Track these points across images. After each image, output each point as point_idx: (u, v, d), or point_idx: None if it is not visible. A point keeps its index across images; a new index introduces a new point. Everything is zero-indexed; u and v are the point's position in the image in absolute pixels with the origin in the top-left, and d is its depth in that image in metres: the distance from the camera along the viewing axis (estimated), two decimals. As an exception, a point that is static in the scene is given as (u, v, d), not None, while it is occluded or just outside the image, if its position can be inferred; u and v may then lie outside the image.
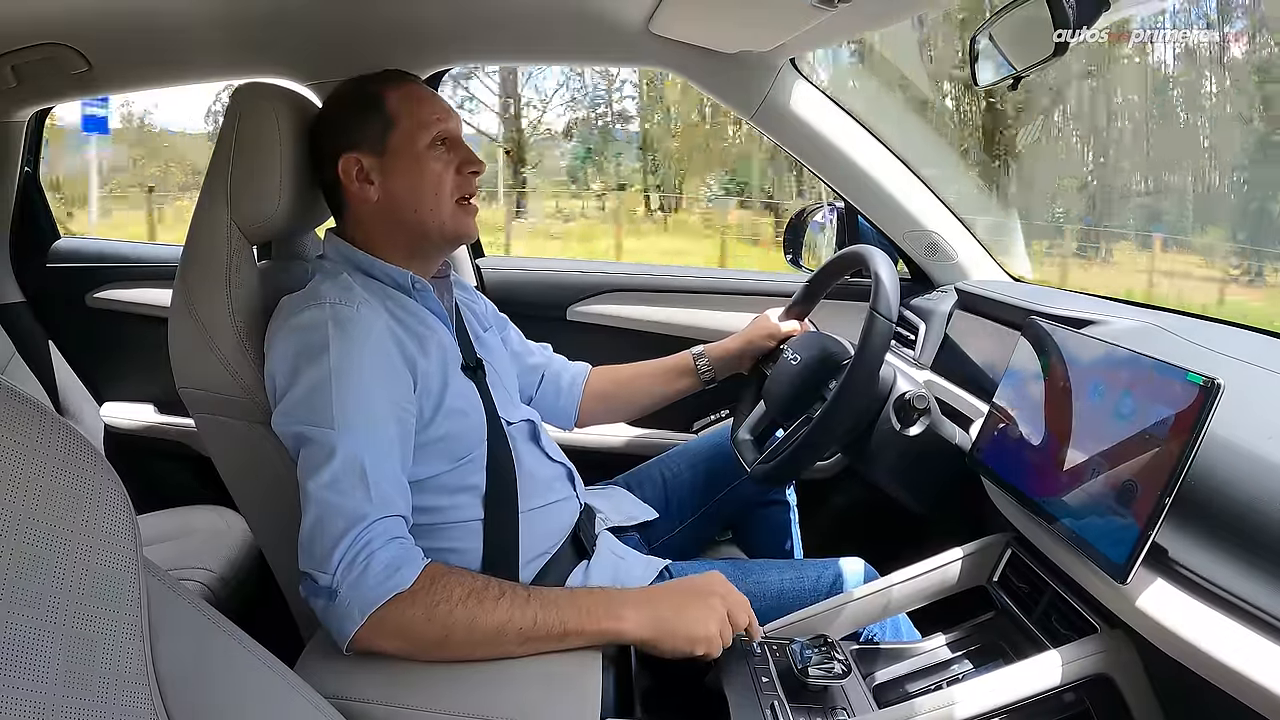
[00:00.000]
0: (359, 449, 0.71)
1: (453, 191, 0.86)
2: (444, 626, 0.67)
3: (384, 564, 0.67)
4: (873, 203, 1.29)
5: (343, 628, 0.66)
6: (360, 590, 0.66)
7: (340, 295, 0.78)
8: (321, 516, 0.69)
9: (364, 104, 0.85)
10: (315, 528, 0.69)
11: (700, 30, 1.14)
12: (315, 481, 0.70)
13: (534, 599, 0.69)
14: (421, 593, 0.67)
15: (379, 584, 0.66)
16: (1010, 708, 0.65)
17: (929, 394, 0.93)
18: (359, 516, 0.68)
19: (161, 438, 1.62)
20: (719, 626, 0.70)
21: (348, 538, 0.67)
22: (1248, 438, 0.60)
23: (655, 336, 1.47)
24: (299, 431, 0.73)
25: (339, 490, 0.69)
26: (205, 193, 0.84)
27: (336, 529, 0.68)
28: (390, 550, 0.68)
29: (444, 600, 0.67)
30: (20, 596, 0.33)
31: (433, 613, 0.67)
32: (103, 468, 0.37)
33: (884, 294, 0.88)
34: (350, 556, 0.67)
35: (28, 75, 1.32)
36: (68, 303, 1.61)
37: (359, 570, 0.66)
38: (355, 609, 0.66)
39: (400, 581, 0.67)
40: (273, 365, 0.78)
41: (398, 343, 0.79)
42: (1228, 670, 0.51)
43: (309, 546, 0.69)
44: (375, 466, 0.71)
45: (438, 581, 0.68)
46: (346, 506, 0.68)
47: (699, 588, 0.72)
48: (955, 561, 0.83)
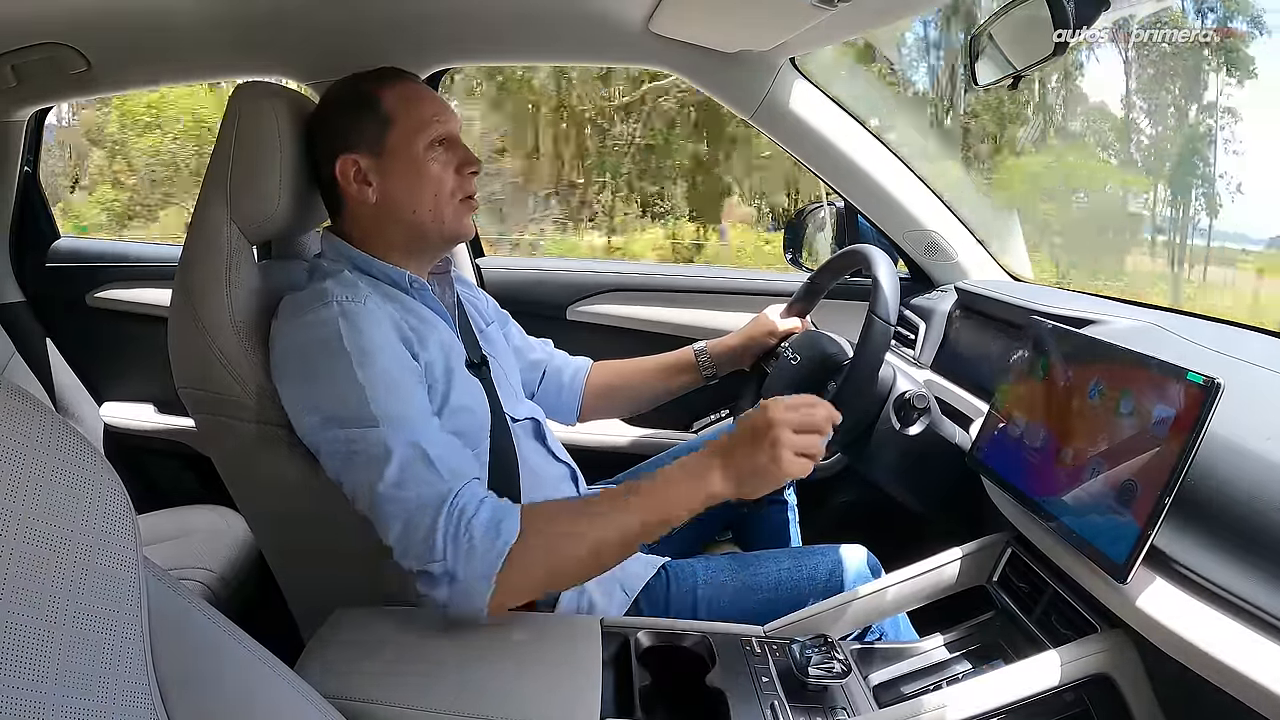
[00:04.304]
0: (411, 436, 0.71)
1: (453, 192, 0.86)
2: (566, 557, 0.69)
3: (484, 528, 0.67)
4: (872, 202, 1.29)
5: (475, 604, 0.68)
6: (475, 562, 0.67)
7: (347, 292, 0.78)
8: (407, 513, 0.69)
9: (360, 104, 0.84)
10: (405, 527, 0.69)
11: (700, 30, 1.14)
12: (383, 484, 0.69)
13: (632, 501, 0.70)
14: (533, 537, 0.68)
15: (489, 548, 0.67)
16: (1010, 708, 0.65)
17: (929, 394, 0.93)
18: (440, 498, 0.69)
19: (161, 438, 1.62)
20: (793, 454, 0.70)
21: (440, 521, 0.68)
22: (1248, 438, 0.60)
23: (655, 336, 1.47)
24: (342, 436, 0.72)
25: (411, 483, 0.69)
26: (204, 192, 0.84)
27: (426, 519, 0.68)
28: (484, 512, 0.69)
29: (555, 535, 0.69)
30: (20, 596, 0.33)
31: (552, 549, 0.69)
32: (103, 468, 0.37)
33: (883, 296, 0.88)
34: (452, 535, 0.67)
35: (28, 75, 1.32)
36: (68, 303, 1.61)
37: (465, 545, 0.67)
38: (480, 581, 0.67)
39: (508, 536, 0.67)
40: (287, 371, 0.77)
41: (404, 338, 0.79)
42: (1228, 670, 0.51)
43: (407, 547, 0.69)
44: (432, 446, 0.72)
45: (541, 519, 0.69)
46: (425, 494, 0.69)
47: (760, 428, 0.71)
48: (955, 561, 0.83)
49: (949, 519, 0.97)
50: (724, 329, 1.29)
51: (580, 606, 0.86)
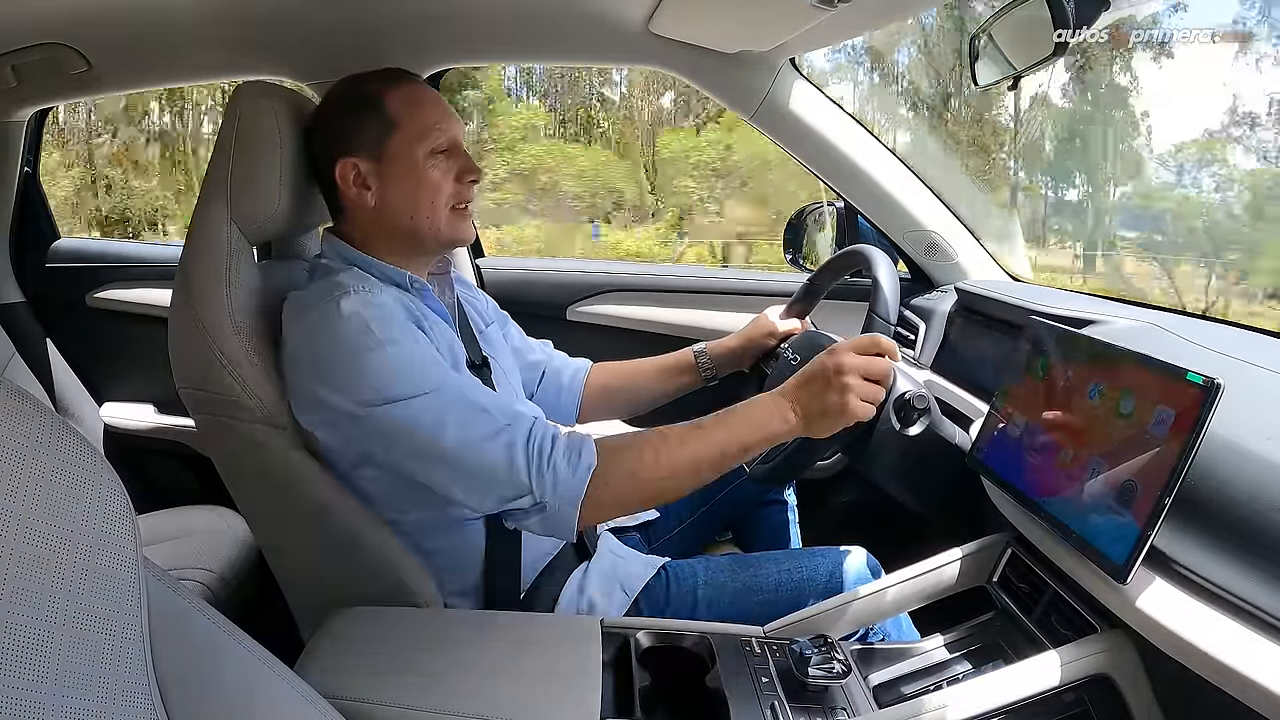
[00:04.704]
0: (461, 391, 0.75)
1: (449, 200, 0.85)
2: (648, 478, 0.74)
3: (564, 456, 0.72)
4: (872, 202, 1.29)
5: (565, 525, 0.73)
6: (561, 489, 0.72)
7: (359, 283, 0.79)
8: (480, 460, 0.72)
9: (363, 106, 0.84)
10: (484, 472, 0.72)
11: (700, 30, 1.14)
12: (449, 439, 0.72)
13: (714, 430, 0.76)
14: (613, 461, 0.73)
15: (572, 475, 0.72)
16: (1010, 708, 0.65)
17: (929, 394, 0.92)
18: (510, 434, 0.73)
19: (161, 438, 1.62)
20: (859, 397, 0.75)
21: (517, 455, 0.72)
22: (1248, 438, 0.60)
23: (655, 336, 1.47)
24: (390, 413, 0.73)
25: (474, 429, 0.72)
26: (205, 192, 0.84)
27: (502, 458, 0.72)
28: (560, 443, 0.73)
29: (636, 459, 0.74)
30: (20, 596, 0.33)
31: (634, 473, 0.74)
32: (103, 468, 0.37)
33: (883, 295, 0.88)
34: (535, 469, 0.72)
35: (28, 75, 1.32)
36: (68, 303, 1.61)
37: (549, 474, 0.72)
38: (568, 506, 0.72)
39: (588, 462, 0.72)
40: (312, 363, 0.76)
41: (415, 322, 0.80)
42: (1228, 670, 0.51)
43: (490, 488, 0.72)
44: (482, 395, 0.76)
45: (623, 446, 0.75)
46: (492, 437, 0.72)
47: (830, 371, 0.76)
48: (955, 561, 0.83)
49: (949, 519, 0.97)
50: (724, 329, 1.29)
51: (580, 607, 0.86)
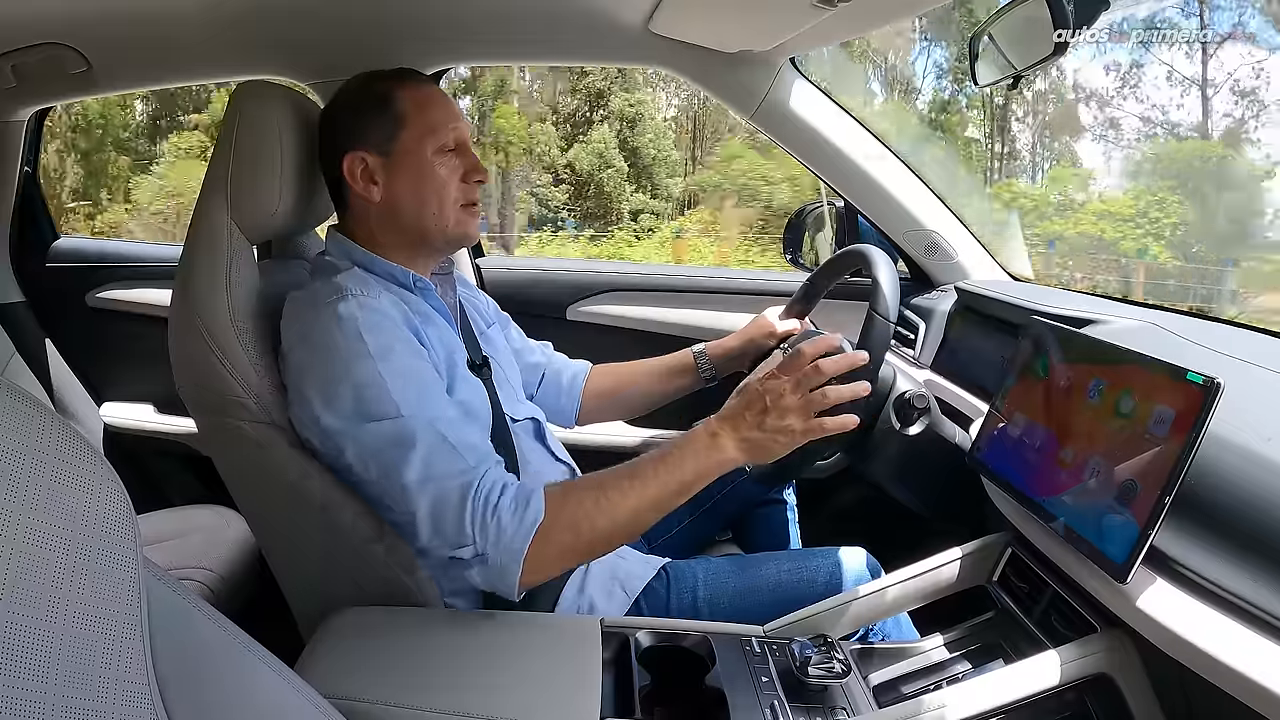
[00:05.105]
0: (433, 423, 0.73)
1: (456, 199, 0.85)
2: (590, 533, 0.72)
3: (510, 509, 0.70)
4: (873, 202, 1.29)
5: (507, 582, 0.71)
6: (504, 543, 0.70)
7: (359, 287, 0.78)
8: (434, 501, 0.71)
9: (373, 103, 0.84)
10: (434, 513, 0.71)
11: (700, 29, 1.14)
12: (410, 472, 0.71)
13: (650, 474, 0.74)
14: (558, 515, 0.71)
15: (517, 529, 0.70)
16: (1010, 707, 0.65)
17: (929, 393, 0.93)
18: (467, 482, 0.71)
19: (161, 438, 1.62)
20: (803, 415, 0.73)
21: (467, 505, 0.70)
22: (1248, 438, 0.60)
23: (655, 336, 1.47)
24: (365, 429, 0.73)
25: (437, 470, 0.71)
26: (205, 192, 0.84)
27: (453, 504, 0.70)
28: (508, 494, 0.71)
29: (580, 513, 0.72)
30: (20, 596, 0.33)
31: (577, 528, 0.72)
32: (103, 468, 0.37)
33: (883, 295, 0.88)
34: (479, 519, 0.70)
35: (28, 75, 1.32)
36: (68, 303, 1.61)
37: (493, 527, 0.70)
38: (510, 562, 0.70)
39: (534, 516, 0.70)
40: (301, 365, 0.77)
41: (412, 328, 0.80)
42: (1228, 670, 0.51)
43: (437, 531, 0.71)
44: (454, 431, 0.74)
45: (567, 498, 0.72)
46: (452, 481, 0.71)
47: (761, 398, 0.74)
48: (955, 561, 0.83)
49: (949, 519, 0.97)
50: (724, 329, 1.29)
51: (580, 607, 0.86)
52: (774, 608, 0.83)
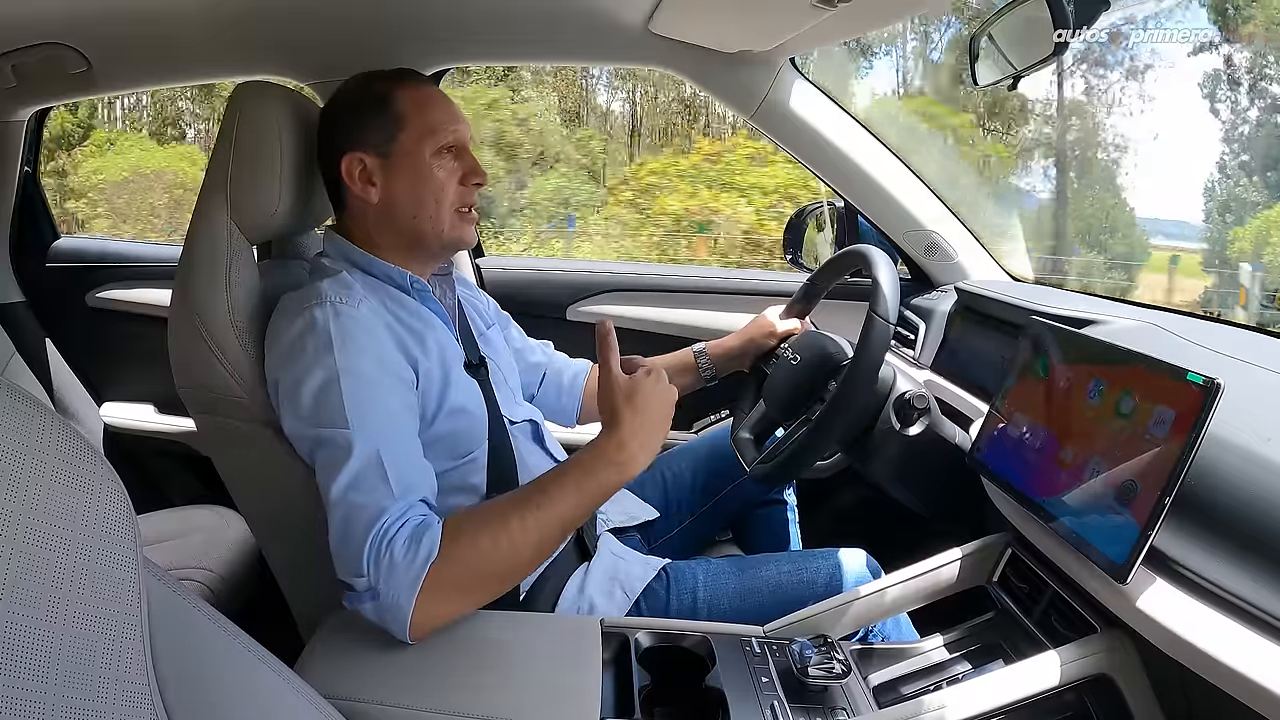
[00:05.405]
0: (376, 443, 0.71)
1: (454, 201, 0.85)
2: (486, 572, 0.68)
3: (404, 545, 0.66)
4: (873, 202, 1.29)
5: (398, 620, 0.66)
6: (395, 579, 0.65)
7: (341, 294, 0.78)
8: (347, 520, 0.68)
9: (372, 103, 0.84)
10: (342, 534, 0.68)
11: (700, 29, 1.14)
12: (337, 485, 0.69)
13: (545, 504, 0.69)
14: (451, 553, 0.67)
15: (409, 565, 0.65)
16: (1010, 708, 0.65)
17: (929, 394, 0.92)
18: (380, 511, 0.68)
19: (161, 438, 1.62)
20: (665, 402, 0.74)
21: (370, 536, 0.67)
22: (1248, 438, 0.60)
23: (655, 336, 1.47)
24: (314, 435, 0.72)
25: (360, 490, 0.69)
26: (204, 192, 0.84)
27: (360, 531, 0.67)
28: (405, 530, 0.68)
29: (474, 550, 0.68)
30: (20, 596, 0.33)
31: (471, 566, 0.68)
32: (103, 468, 0.37)
33: (883, 295, 0.88)
34: (375, 553, 0.66)
35: (28, 75, 1.32)
36: (68, 303, 1.61)
37: (386, 561, 0.66)
38: (400, 598, 0.65)
39: (428, 553, 0.66)
40: (276, 366, 0.77)
41: (398, 340, 0.79)
42: (1228, 670, 0.51)
43: (340, 554, 0.68)
44: (394, 457, 0.71)
45: (461, 535, 0.68)
46: (369, 506, 0.68)
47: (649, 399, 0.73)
48: (955, 561, 0.83)
49: (949, 519, 0.97)
50: (724, 329, 1.29)
51: (580, 607, 0.86)
52: (774, 609, 0.83)
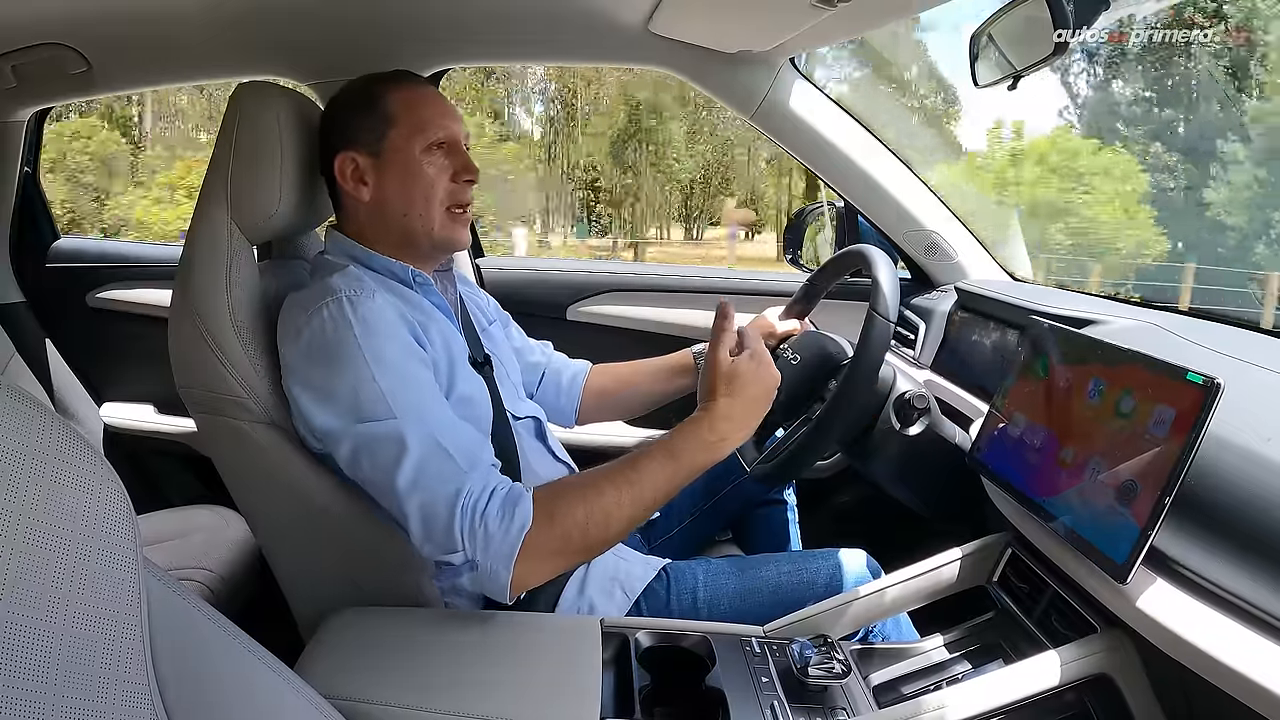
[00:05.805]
0: (427, 426, 0.72)
1: (444, 199, 0.85)
2: (579, 542, 0.71)
3: (498, 516, 0.69)
4: (873, 202, 1.29)
5: (497, 587, 0.70)
6: (493, 549, 0.69)
7: (354, 287, 0.78)
8: (425, 505, 0.70)
9: (364, 103, 0.85)
10: (425, 519, 0.70)
11: (700, 29, 1.14)
12: (402, 477, 0.71)
13: (636, 480, 0.72)
14: (546, 519, 0.70)
15: (505, 535, 0.69)
16: (1010, 708, 0.65)
17: (929, 394, 0.93)
18: (457, 488, 0.70)
19: (161, 438, 1.62)
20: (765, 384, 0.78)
21: (457, 513, 0.69)
22: (1248, 438, 0.60)
23: (655, 336, 1.47)
24: (358, 431, 0.73)
25: (429, 474, 0.71)
26: (205, 192, 0.84)
27: (444, 511, 0.70)
28: (496, 501, 0.70)
29: (570, 520, 0.70)
30: (20, 596, 0.33)
31: (567, 535, 0.70)
32: (103, 468, 0.37)
33: (883, 294, 0.88)
34: (468, 527, 0.69)
35: (28, 75, 1.32)
36: (68, 303, 1.61)
37: (481, 534, 0.69)
38: (499, 567, 0.69)
39: (522, 522, 0.69)
40: (300, 366, 0.77)
41: (410, 329, 0.80)
42: (1228, 670, 0.51)
43: (428, 537, 0.70)
44: (448, 434, 0.73)
45: (557, 505, 0.71)
46: (444, 486, 0.70)
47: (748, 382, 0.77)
48: (955, 561, 0.83)
49: (949, 519, 0.97)
50: (724, 329, 1.28)
51: (580, 607, 0.86)
52: (774, 609, 0.83)
